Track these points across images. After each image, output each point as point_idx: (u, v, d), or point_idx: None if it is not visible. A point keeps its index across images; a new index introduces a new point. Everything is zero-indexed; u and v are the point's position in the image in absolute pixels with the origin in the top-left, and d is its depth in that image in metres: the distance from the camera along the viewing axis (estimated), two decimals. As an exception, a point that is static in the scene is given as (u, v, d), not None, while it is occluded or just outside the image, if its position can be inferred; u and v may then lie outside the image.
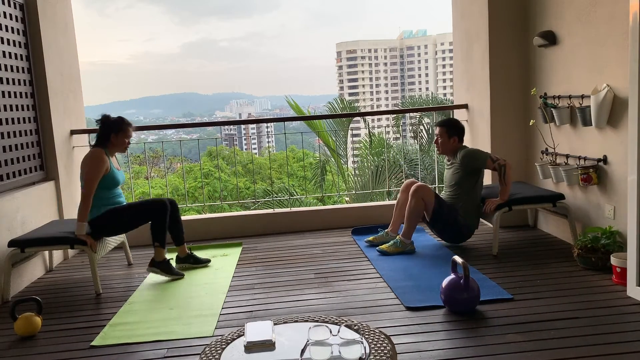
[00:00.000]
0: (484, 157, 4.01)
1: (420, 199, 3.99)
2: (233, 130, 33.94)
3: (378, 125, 19.59)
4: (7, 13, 4.01)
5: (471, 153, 4.07)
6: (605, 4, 3.54)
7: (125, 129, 3.87)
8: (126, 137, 3.89)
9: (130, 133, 3.91)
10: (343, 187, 11.13)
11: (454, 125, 4.17)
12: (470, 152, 4.08)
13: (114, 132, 3.82)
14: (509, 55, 4.59)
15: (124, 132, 3.86)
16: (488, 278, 3.45)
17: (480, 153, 4.06)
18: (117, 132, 3.83)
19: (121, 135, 3.85)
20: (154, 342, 2.84)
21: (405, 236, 4.10)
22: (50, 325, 3.13)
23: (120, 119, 3.90)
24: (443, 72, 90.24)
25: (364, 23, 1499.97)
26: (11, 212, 3.83)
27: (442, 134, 4.13)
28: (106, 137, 3.82)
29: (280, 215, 5.08)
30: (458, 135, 4.13)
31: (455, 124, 4.18)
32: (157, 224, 3.82)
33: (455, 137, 4.11)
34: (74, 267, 4.30)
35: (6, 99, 3.95)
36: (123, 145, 3.89)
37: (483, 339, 2.64)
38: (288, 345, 2.01)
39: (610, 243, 3.44)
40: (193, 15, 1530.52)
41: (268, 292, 3.48)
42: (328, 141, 11.14)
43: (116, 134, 3.83)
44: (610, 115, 3.52)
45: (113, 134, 3.82)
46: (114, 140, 3.83)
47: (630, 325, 2.70)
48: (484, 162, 3.99)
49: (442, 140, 4.13)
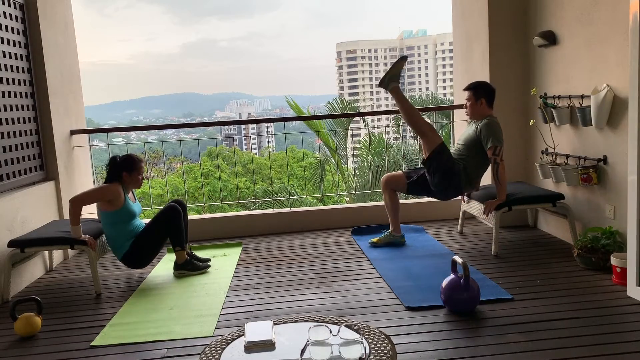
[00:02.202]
0: (493, 139, 3.85)
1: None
2: (233, 130, 33.97)
3: (378, 126, 19.59)
4: (7, 13, 4.01)
5: (490, 128, 3.89)
6: (605, 4, 3.54)
7: (138, 167, 3.84)
8: (139, 174, 3.86)
9: (142, 169, 3.89)
10: (343, 187, 11.12)
11: (480, 87, 4.03)
12: (490, 126, 3.89)
13: (126, 171, 3.80)
14: (509, 55, 4.59)
15: (137, 171, 3.84)
16: (488, 278, 3.45)
17: (496, 135, 3.87)
18: (131, 171, 3.81)
19: (135, 173, 3.82)
20: (154, 342, 2.84)
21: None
22: (50, 325, 3.13)
23: (129, 157, 3.84)
24: (443, 72, 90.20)
25: (364, 23, 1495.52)
26: (11, 212, 3.83)
27: (470, 97, 4.02)
28: (119, 176, 3.79)
29: (280, 215, 5.08)
30: (486, 97, 3.98)
31: (481, 86, 4.04)
32: (175, 229, 3.85)
33: (482, 98, 3.97)
34: (74, 267, 4.30)
35: (6, 99, 3.95)
36: (138, 182, 3.86)
37: (483, 339, 2.64)
38: (288, 345, 2.01)
39: (610, 243, 3.44)
40: (193, 15, 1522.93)
41: (268, 292, 3.48)
42: (328, 141, 11.14)
43: (129, 173, 3.81)
44: (610, 115, 3.52)
45: (126, 173, 3.80)
46: (127, 179, 3.81)
47: (630, 325, 2.70)
48: (487, 141, 3.86)
49: (471, 103, 4.02)
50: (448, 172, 3.96)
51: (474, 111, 4.03)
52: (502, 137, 3.93)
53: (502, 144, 3.91)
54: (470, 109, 4.04)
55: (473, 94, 4.01)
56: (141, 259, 3.86)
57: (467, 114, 4.10)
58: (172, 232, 3.85)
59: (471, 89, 4.04)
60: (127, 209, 3.79)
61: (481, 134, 3.93)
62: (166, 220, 3.84)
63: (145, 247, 3.83)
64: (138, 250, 3.81)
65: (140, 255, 3.83)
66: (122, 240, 3.79)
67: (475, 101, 4.01)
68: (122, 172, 3.81)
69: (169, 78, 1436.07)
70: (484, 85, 4.07)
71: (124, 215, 3.78)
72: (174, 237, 3.86)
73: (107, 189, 3.73)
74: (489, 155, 3.90)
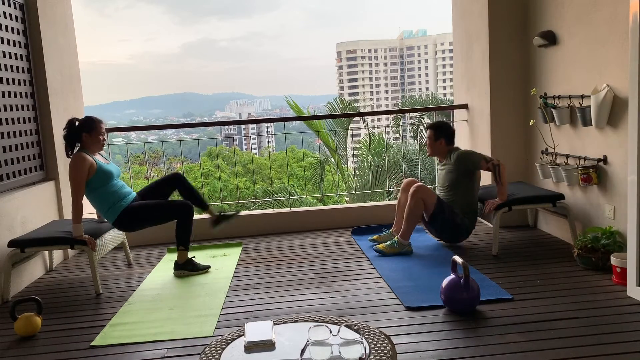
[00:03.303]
0: (477, 158, 4.03)
1: (420, 200, 3.99)
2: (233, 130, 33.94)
3: (378, 126, 19.59)
4: (7, 13, 4.01)
5: (465, 154, 4.11)
6: (606, 4, 3.54)
7: (97, 127, 3.78)
8: (100, 134, 3.79)
9: (103, 129, 3.83)
10: (343, 187, 11.12)
11: (440, 127, 4.21)
12: (464, 154, 4.12)
13: (85, 131, 3.75)
14: (509, 55, 4.59)
15: (97, 130, 3.77)
16: (488, 278, 3.45)
17: (474, 154, 4.10)
18: (90, 131, 3.75)
19: (94, 133, 3.76)
20: (154, 342, 2.84)
21: (404, 237, 4.08)
22: (50, 325, 3.13)
23: (88, 118, 3.81)
24: (443, 72, 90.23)
25: (364, 23, 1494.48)
26: (11, 212, 3.83)
27: (430, 136, 4.21)
28: (78, 140, 3.74)
29: (280, 215, 5.08)
30: (445, 137, 4.17)
31: (442, 126, 4.23)
32: (183, 227, 3.84)
33: (442, 139, 4.16)
34: (74, 267, 4.30)
35: (6, 99, 3.95)
36: (99, 143, 3.79)
37: (483, 339, 2.64)
38: (288, 345, 2.01)
39: (610, 243, 3.43)
40: (193, 15, 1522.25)
41: (268, 292, 3.48)
42: (328, 141, 11.13)
43: (89, 134, 3.75)
44: (610, 115, 3.52)
45: (86, 134, 3.74)
46: (88, 140, 3.75)
47: (630, 325, 2.70)
48: (477, 163, 4.01)
49: (429, 142, 4.21)
50: (452, 224, 4.07)
51: (433, 150, 4.24)
52: (476, 152, 4.19)
53: (482, 154, 4.10)
54: (429, 147, 4.24)
55: (433, 134, 4.19)
56: (133, 226, 3.84)
57: (427, 151, 4.29)
58: (178, 230, 3.85)
59: (431, 129, 4.22)
60: (102, 170, 3.73)
61: (462, 165, 4.05)
62: (175, 213, 3.82)
63: (140, 217, 3.80)
64: (134, 216, 3.77)
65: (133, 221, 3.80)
66: (109, 203, 3.74)
67: (435, 140, 4.19)
68: (82, 133, 3.74)
69: (169, 78, 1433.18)
70: (443, 125, 4.26)
71: (101, 178, 3.72)
72: (180, 236, 3.86)
73: (78, 160, 3.65)
74: (485, 169, 4.00)
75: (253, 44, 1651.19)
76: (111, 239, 4.01)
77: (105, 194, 3.75)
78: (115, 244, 4.10)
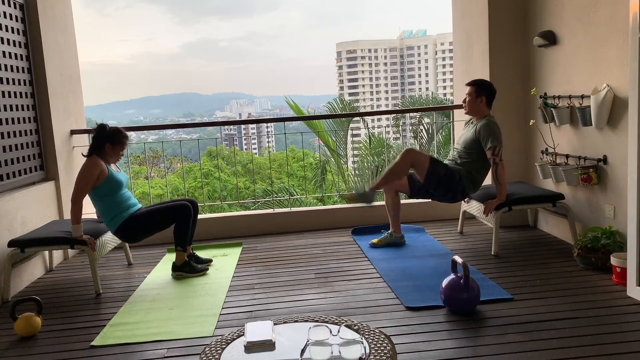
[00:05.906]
0: (493, 140, 3.86)
1: (408, 162, 3.96)
2: (233, 130, 33.95)
3: (378, 125, 19.59)
4: (7, 13, 4.01)
5: (489, 129, 3.90)
6: (606, 4, 3.54)
7: (122, 142, 3.84)
8: (122, 149, 3.86)
9: (125, 146, 3.89)
10: (343, 187, 11.12)
11: (483, 84, 4.04)
12: (489, 127, 3.91)
13: (110, 142, 3.78)
14: (509, 55, 4.59)
15: (121, 145, 3.84)
16: (488, 278, 3.45)
17: (494, 136, 3.88)
18: (114, 144, 3.80)
19: (118, 147, 3.82)
20: (154, 342, 2.84)
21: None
22: (50, 325, 3.13)
23: (118, 131, 3.84)
24: (443, 72, 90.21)
25: (364, 23, 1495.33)
26: (11, 212, 3.83)
27: (471, 93, 4.02)
28: (101, 146, 3.78)
29: (280, 215, 5.08)
30: (486, 95, 3.99)
31: (485, 84, 4.05)
32: (182, 228, 3.84)
33: (482, 96, 3.99)
34: (74, 267, 4.30)
35: (6, 99, 3.95)
36: (117, 157, 3.86)
37: (483, 339, 2.64)
38: (288, 345, 2.01)
39: (610, 243, 3.44)
40: (193, 15, 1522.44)
41: (268, 292, 3.48)
42: (328, 141, 11.14)
43: (112, 145, 3.79)
44: (610, 115, 3.52)
45: (109, 144, 3.78)
46: (109, 150, 3.79)
47: (630, 325, 2.70)
48: (488, 142, 3.88)
49: (470, 99, 4.02)
50: (449, 182, 3.98)
51: (472, 107, 4.04)
52: (501, 138, 3.93)
53: (501, 144, 3.91)
54: (469, 104, 4.04)
55: (475, 90, 4.02)
56: (135, 236, 3.85)
57: (465, 108, 4.10)
58: (177, 232, 3.85)
59: (474, 85, 4.05)
60: (113, 179, 3.75)
61: (480, 135, 3.94)
62: (174, 216, 3.82)
63: (141, 227, 3.80)
64: (134, 227, 3.77)
65: (135, 232, 3.81)
66: (114, 212, 3.75)
67: (475, 97, 4.01)
68: (106, 142, 3.77)
69: (169, 78, 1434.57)
70: (487, 84, 4.07)
71: (111, 186, 3.74)
72: (178, 237, 3.85)
73: (91, 165, 3.68)
74: (489, 156, 3.90)
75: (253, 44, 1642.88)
76: (111, 239, 4.00)
77: (111, 202, 3.76)
78: (115, 244, 4.10)
